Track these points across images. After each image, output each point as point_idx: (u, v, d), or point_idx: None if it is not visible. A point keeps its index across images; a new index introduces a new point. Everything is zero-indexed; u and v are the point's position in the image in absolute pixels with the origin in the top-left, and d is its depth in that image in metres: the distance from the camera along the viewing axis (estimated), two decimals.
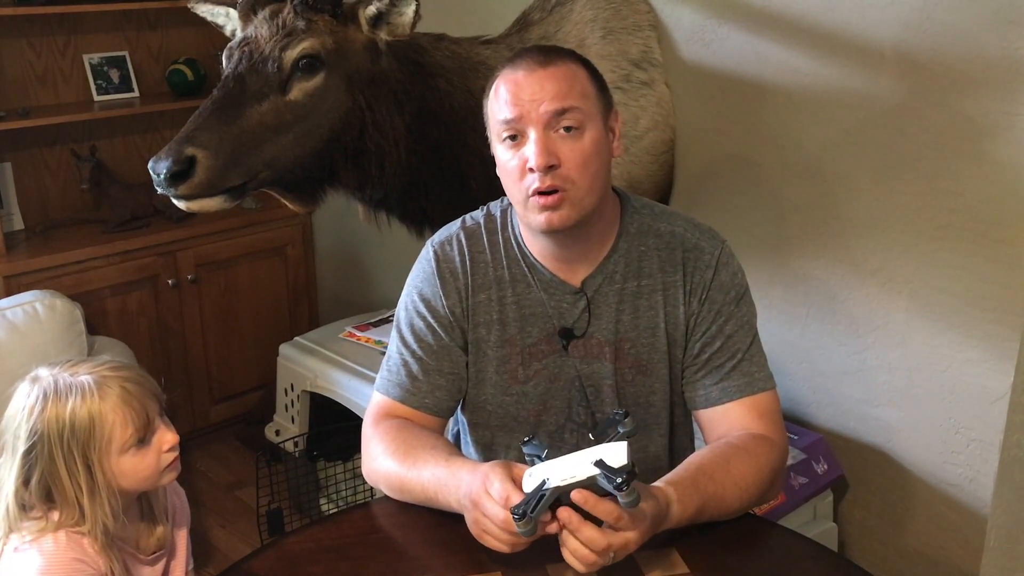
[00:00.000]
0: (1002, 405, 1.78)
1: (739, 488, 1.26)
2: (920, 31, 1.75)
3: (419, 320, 1.42)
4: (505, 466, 1.16)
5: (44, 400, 1.25)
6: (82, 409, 1.24)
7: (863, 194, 1.91)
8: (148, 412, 1.29)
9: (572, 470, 1.09)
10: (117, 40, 3.15)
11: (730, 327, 1.38)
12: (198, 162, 1.59)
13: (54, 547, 1.25)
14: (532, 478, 1.12)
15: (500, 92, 1.30)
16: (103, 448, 1.26)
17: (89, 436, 1.25)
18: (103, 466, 1.26)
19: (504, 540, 1.13)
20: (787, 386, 2.11)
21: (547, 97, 1.26)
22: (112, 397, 1.26)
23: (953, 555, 1.94)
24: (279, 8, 1.69)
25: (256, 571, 1.24)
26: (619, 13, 2.12)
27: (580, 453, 1.11)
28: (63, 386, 1.26)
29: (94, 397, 1.25)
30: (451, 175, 1.89)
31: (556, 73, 1.27)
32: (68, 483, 1.25)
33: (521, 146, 1.28)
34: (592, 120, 1.29)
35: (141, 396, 1.29)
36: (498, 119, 1.30)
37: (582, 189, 1.28)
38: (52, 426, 1.24)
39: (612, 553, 1.10)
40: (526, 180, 1.27)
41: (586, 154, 1.27)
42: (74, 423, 1.24)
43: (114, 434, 1.26)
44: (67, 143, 3.05)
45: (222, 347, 3.19)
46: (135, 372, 1.32)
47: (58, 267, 2.74)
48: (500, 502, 1.12)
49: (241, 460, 3.10)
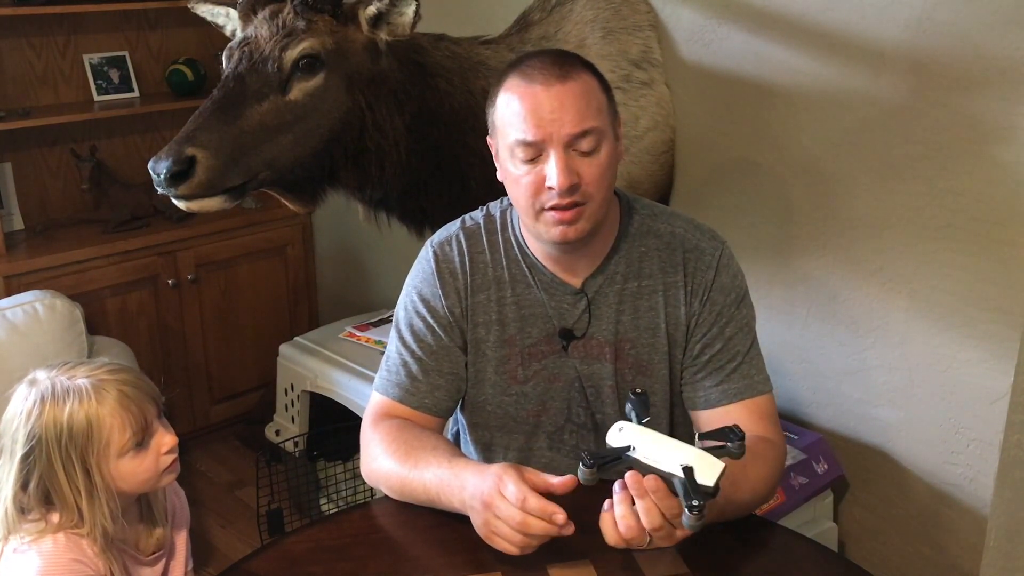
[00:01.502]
0: (1002, 405, 1.78)
1: (754, 492, 1.27)
2: (920, 31, 1.75)
3: (418, 320, 1.42)
4: (516, 468, 1.16)
5: (42, 404, 1.25)
6: (79, 413, 1.24)
7: (863, 194, 1.91)
8: (146, 416, 1.29)
9: (659, 455, 1.06)
10: (117, 40, 3.15)
11: (730, 329, 1.38)
12: (198, 162, 1.59)
13: (53, 548, 1.25)
14: (621, 434, 1.09)
15: (514, 106, 1.26)
16: (101, 452, 1.25)
17: (87, 440, 1.24)
18: (101, 469, 1.26)
19: (516, 542, 1.13)
20: (787, 386, 2.11)
21: (568, 117, 1.23)
22: (109, 401, 1.26)
23: (953, 555, 1.94)
24: (279, 8, 1.69)
25: (256, 571, 1.24)
26: (619, 13, 2.12)
27: (676, 444, 1.07)
28: (60, 390, 1.26)
29: (91, 401, 1.25)
30: (451, 175, 1.89)
31: (575, 90, 1.24)
32: (66, 487, 1.25)
33: (538, 163, 1.26)
34: (607, 134, 1.28)
35: (139, 400, 1.28)
36: (515, 138, 1.26)
37: (597, 202, 1.28)
38: (50, 431, 1.24)
39: (650, 538, 1.08)
40: (543, 196, 1.26)
41: (603, 169, 1.27)
42: (72, 427, 1.24)
43: (112, 438, 1.25)
44: (67, 143, 3.05)
45: (222, 347, 3.19)
46: (133, 375, 1.32)
47: (58, 267, 2.74)
48: (516, 503, 1.11)
49: (241, 460, 3.10)
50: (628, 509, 1.09)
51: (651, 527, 1.07)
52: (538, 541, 1.13)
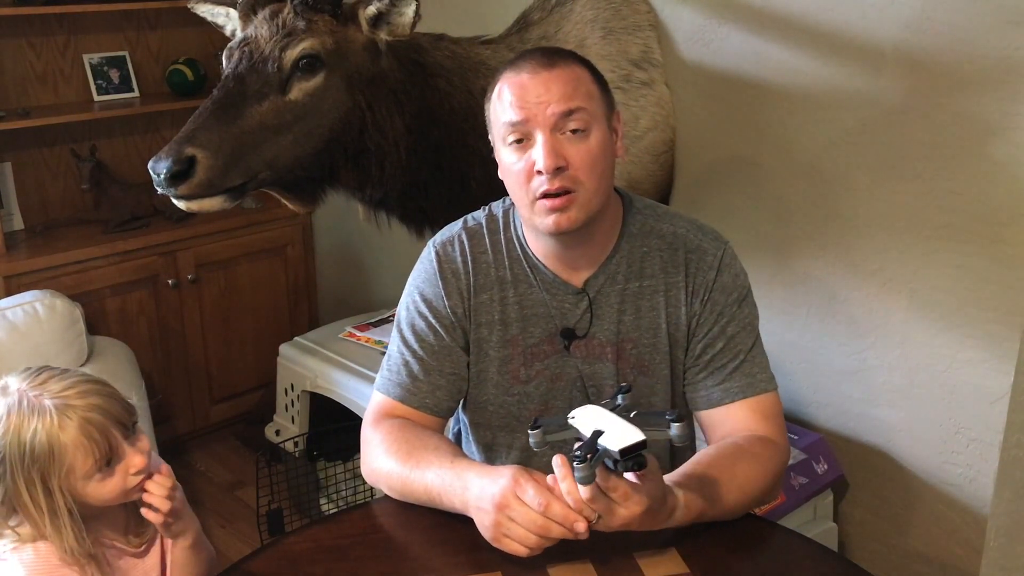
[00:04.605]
0: (1002, 405, 1.78)
1: (743, 491, 1.26)
2: (920, 31, 1.75)
3: (420, 320, 1.42)
4: (531, 472, 1.15)
5: (7, 419, 1.23)
6: (41, 435, 1.21)
7: (863, 194, 1.91)
8: (110, 441, 1.25)
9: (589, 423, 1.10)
10: (117, 40, 3.15)
11: (732, 328, 1.38)
12: (198, 162, 1.59)
13: (34, 556, 1.24)
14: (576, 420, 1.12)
15: (504, 94, 1.29)
16: (63, 475, 1.23)
17: (48, 463, 1.22)
18: (63, 491, 1.24)
19: (531, 544, 1.12)
20: (787, 386, 2.11)
21: (553, 99, 1.25)
22: (71, 429, 1.22)
23: (953, 555, 1.95)
24: (279, 8, 1.70)
25: (256, 571, 1.24)
26: (619, 13, 2.12)
27: (615, 418, 1.09)
28: (26, 407, 1.23)
29: (54, 425, 1.22)
30: (451, 175, 1.89)
31: (561, 75, 1.27)
32: (30, 505, 1.23)
33: (527, 149, 1.27)
34: (597, 121, 1.28)
35: (103, 426, 1.24)
36: (503, 122, 1.29)
37: (589, 190, 1.27)
38: (13, 449, 1.22)
39: (597, 515, 1.10)
40: (533, 183, 1.27)
41: (593, 155, 1.27)
42: (33, 449, 1.21)
43: (75, 463, 1.23)
44: (67, 143, 3.05)
45: (222, 347, 3.19)
46: (101, 398, 1.27)
47: (58, 267, 2.74)
48: (538, 509, 1.11)
49: (241, 460, 3.10)
50: (569, 478, 1.10)
51: (574, 505, 1.09)
52: (551, 543, 1.12)
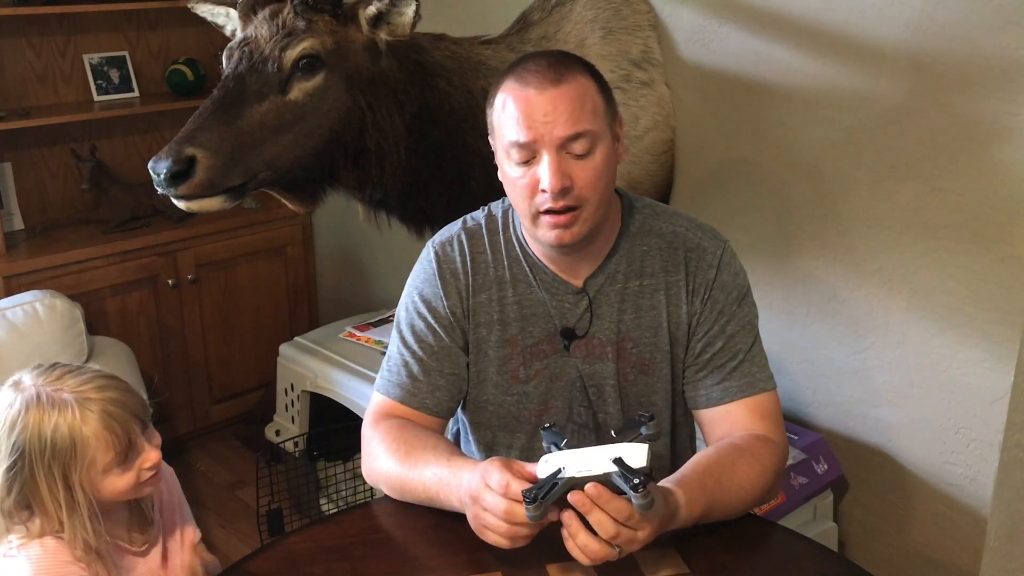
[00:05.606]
0: (1002, 405, 1.78)
1: (744, 491, 1.26)
2: (920, 31, 1.75)
3: (420, 321, 1.42)
4: (503, 460, 1.16)
5: (27, 413, 1.23)
6: (63, 429, 1.22)
7: (863, 194, 1.91)
8: (130, 435, 1.26)
9: (589, 464, 1.09)
10: (117, 40, 3.15)
11: (732, 327, 1.38)
12: (198, 162, 1.59)
13: (42, 553, 1.24)
14: (548, 464, 1.11)
15: (508, 108, 1.27)
16: (83, 468, 1.24)
17: (70, 457, 1.23)
18: (83, 485, 1.24)
19: (504, 532, 1.12)
20: (787, 386, 2.11)
21: (560, 119, 1.23)
22: (93, 422, 1.23)
23: (953, 555, 1.94)
24: (279, 8, 1.69)
25: (256, 571, 1.25)
26: (619, 13, 2.12)
27: (599, 448, 1.11)
28: (46, 401, 1.23)
29: (76, 419, 1.22)
30: (451, 175, 1.89)
31: (568, 92, 1.24)
32: (48, 499, 1.23)
33: (532, 165, 1.26)
34: (602, 137, 1.27)
35: (123, 419, 1.26)
36: (508, 140, 1.27)
37: (593, 205, 1.27)
38: (34, 444, 1.22)
39: (618, 548, 1.09)
40: (537, 199, 1.27)
41: (598, 172, 1.26)
42: (55, 443, 1.22)
43: (96, 457, 1.24)
44: (67, 143, 3.05)
45: (222, 347, 3.19)
46: (119, 391, 1.29)
47: (58, 267, 2.74)
48: (499, 491, 1.11)
49: (241, 460, 3.10)
50: (582, 532, 1.08)
51: (609, 536, 1.07)
52: (527, 531, 1.11)
